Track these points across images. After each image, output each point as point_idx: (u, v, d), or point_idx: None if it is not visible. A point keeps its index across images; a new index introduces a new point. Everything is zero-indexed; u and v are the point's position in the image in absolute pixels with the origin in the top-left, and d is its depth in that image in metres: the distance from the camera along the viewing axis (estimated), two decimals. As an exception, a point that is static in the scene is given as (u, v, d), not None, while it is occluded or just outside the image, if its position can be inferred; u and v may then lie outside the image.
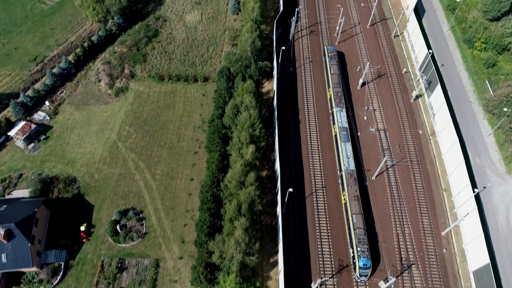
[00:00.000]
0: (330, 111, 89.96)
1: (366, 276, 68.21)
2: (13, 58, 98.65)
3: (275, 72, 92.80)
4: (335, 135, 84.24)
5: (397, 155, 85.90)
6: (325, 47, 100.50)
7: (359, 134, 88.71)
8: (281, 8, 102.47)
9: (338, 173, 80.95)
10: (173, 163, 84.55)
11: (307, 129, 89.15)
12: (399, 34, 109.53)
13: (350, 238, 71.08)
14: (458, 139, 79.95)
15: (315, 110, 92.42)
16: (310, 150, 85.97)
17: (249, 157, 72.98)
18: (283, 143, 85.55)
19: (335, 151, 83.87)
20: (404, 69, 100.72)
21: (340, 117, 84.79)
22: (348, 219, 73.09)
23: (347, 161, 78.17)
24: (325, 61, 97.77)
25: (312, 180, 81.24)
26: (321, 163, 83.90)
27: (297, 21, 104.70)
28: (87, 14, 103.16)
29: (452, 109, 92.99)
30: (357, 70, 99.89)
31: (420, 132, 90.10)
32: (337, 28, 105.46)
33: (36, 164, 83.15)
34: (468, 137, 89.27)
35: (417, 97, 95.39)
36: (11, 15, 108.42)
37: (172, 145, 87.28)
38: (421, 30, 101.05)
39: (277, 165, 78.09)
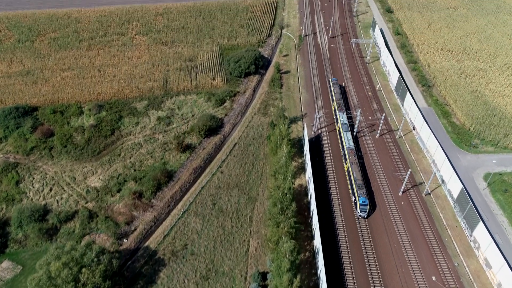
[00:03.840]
0: (334, 115, 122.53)
1: (365, 212, 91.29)
2: None
3: None
4: (339, 129, 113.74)
5: None
6: (329, 79, 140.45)
7: None
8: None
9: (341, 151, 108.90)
10: None
11: None
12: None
13: (352, 189, 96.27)
14: None
15: None
16: None
17: None
18: None
19: (338, 138, 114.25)
20: None
21: (342, 118, 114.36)
22: (350, 178, 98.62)
23: (348, 142, 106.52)
24: (330, 89, 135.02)
25: None
26: None
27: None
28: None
29: None
30: None
31: None
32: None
33: None
34: None
35: None
36: None
37: None
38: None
39: None
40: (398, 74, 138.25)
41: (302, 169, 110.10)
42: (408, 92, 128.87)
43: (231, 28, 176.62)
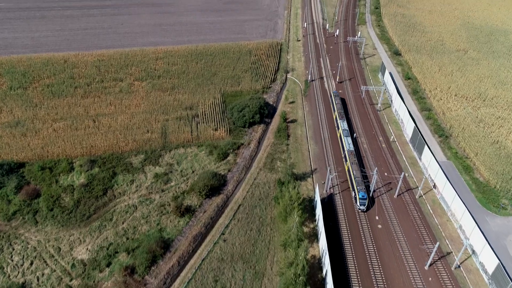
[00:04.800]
0: (335, 123, 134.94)
1: (364, 205, 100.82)
2: None
3: None
4: (340, 135, 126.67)
5: None
6: (331, 92, 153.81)
7: None
8: None
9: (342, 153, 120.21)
10: None
11: None
12: None
13: (352, 185, 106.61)
14: None
15: None
16: None
17: None
18: None
19: (339, 142, 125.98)
20: None
21: (342, 124, 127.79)
22: (350, 176, 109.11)
23: (348, 145, 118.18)
24: (331, 101, 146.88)
25: None
26: None
27: None
28: None
29: None
30: None
31: None
32: None
33: None
34: None
35: None
36: None
37: None
38: None
39: None
40: (414, 125, 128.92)
41: (314, 235, 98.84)
42: (426, 146, 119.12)
43: (234, 73, 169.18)
